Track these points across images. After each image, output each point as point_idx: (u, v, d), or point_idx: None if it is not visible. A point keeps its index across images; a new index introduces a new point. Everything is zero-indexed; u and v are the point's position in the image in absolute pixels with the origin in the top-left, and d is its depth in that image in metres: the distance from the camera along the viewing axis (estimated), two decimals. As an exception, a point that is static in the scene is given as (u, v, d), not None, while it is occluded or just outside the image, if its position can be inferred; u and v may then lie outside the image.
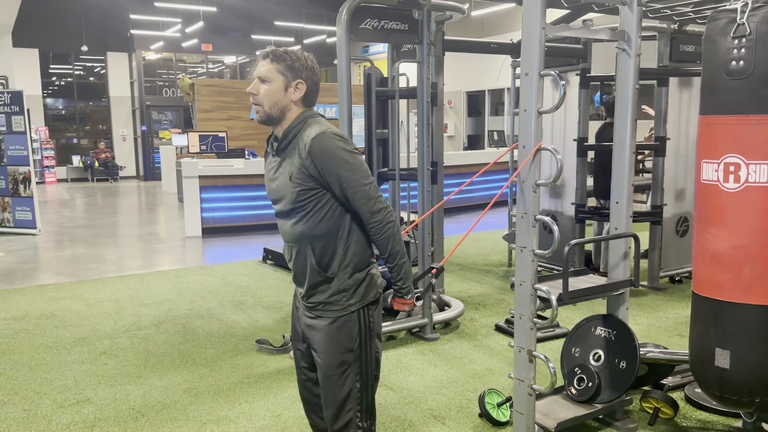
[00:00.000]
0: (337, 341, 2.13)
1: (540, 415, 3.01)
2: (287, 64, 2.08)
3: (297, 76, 2.09)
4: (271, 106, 2.09)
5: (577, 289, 3.02)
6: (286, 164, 2.11)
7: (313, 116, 2.13)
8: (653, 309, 5.25)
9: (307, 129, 2.08)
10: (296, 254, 2.18)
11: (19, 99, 9.12)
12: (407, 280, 2.17)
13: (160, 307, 5.50)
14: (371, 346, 2.19)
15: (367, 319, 2.18)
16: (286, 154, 2.12)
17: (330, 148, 2.03)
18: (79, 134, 19.95)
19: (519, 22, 2.78)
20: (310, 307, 2.21)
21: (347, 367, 2.15)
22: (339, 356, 2.13)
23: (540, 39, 2.69)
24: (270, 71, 2.08)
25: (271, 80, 2.07)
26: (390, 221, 2.09)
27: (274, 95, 2.08)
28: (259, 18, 18.96)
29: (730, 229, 2.51)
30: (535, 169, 2.76)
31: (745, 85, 2.43)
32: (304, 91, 2.11)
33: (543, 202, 6.50)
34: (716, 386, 2.64)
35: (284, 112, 2.10)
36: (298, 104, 2.12)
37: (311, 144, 2.02)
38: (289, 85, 2.09)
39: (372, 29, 4.24)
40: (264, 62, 2.09)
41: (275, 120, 2.11)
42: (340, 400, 2.17)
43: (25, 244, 8.58)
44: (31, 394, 3.74)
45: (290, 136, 2.10)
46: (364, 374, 2.19)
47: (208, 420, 3.39)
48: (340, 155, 2.03)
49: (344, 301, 2.14)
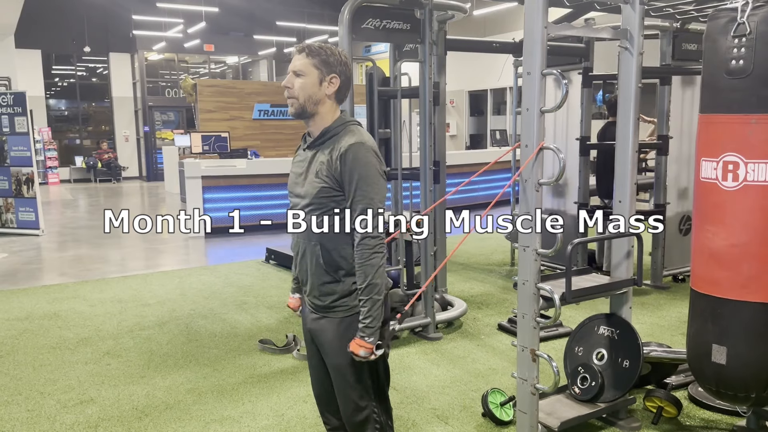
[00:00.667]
0: (347, 340, 2.13)
1: (543, 415, 3.01)
2: (322, 59, 2.11)
3: (331, 71, 2.12)
4: (306, 99, 2.11)
5: (580, 288, 3.02)
6: (316, 161, 2.13)
7: (353, 123, 2.17)
8: (656, 308, 5.25)
9: (347, 134, 2.10)
10: (305, 251, 2.20)
11: (22, 100, 9.14)
12: (376, 320, 2.07)
13: (163, 307, 5.51)
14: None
15: None
16: (321, 150, 2.14)
17: (363, 159, 2.06)
18: (81, 135, 19.98)
19: (521, 21, 2.78)
20: (316, 307, 2.22)
21: (359, 366, 2.15)
22: (349, 355, 2.13)
23: (542, 38, 2.69)
24: (305, 65, 2.10)
25: (306, 74, 2.10)
26: (380, 252, 2.08)
27: (308, 89, 2.10)
28: (261, 18, 18.98)
29: (728, 227, 2.52)
30: (538, 168, 2.76)
31: (745, 84, 2.43)
32: (338, 85, 2.14)
33: (545, 201, 6.49)
34: (713, 381, 2.66)
35: (318, 105, 2.13)
36: (332, 98, 2.15)
37: (348, 149, 2.05)
38: (323, 80, 2.11)
39: (374, 29, 4.24)
40: (299, 56, 2.12)
41: (308, 114, 2.14)
42: (356, 399, 2.18)
43: (29, 245, 8.60)
44: (35, 395, 3.75)
45: (328, 136, 2.13)
46: (375, 371, 2.20)
47: (212, 420, 3.40)
48: (369, 170, 2.06)
49: (350, 303, 2.14)
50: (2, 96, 9.18)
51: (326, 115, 2.15)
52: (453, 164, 8.94)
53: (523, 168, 2.78)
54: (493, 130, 16.28)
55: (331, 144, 2.11)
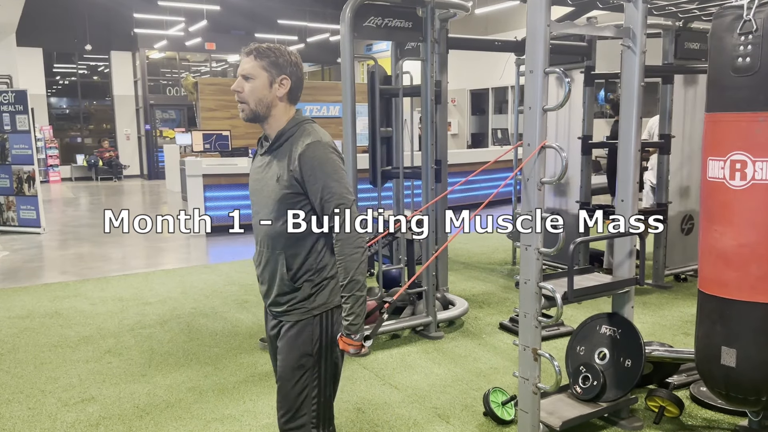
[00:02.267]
0: (297, 344, 2.09)
1: (545, 414, 3.00)
2: (271, 60, 2.04)
3: (281, 72, 2.06)
4: (256, 103, 2.06)
5: (582, 287, 3.01)
6: (275, 166, 2.07)
7: (309, 122, 2.11)
8: (658, 307, 5.24)
9: (303, 135, 2.05)
10: (267, 261, 2.13)
11: (24, 98, 9.14)
12: (359, 317, 2.03)
13: (165, 305, 5.50)
14: (332, 352, 2.13)
15: (330, 323, 2.12)
16: (277, 155, 2.08)
17: (322, 157, 2.00)
18: (83, 133, 19.99)
19: (523, 19, 2.77)
20: (274, 314, 2.18)
21: (304, 372, 2.10)
22: (297, 360, 2.09)
23: (545, 36, 2.68)
24: (254, 68, 2.04)
25: (255, 77, 2.04)
26: (360, 248, 2.02)
27: (259, 92, 2.05)
28: (263, 16, 18.97)
29: (736, 227, 2.50)
30: (540, 167, 2.75)
31: (752, 81, 2.42)
32: (289, 86, 2.08)
33: (547, 200, 6.48)
34: (722, 385, 2.63)
35: (270, 108, 2.07)
36: (284, 100, 2.08)
37: (305, 150, 2.00)
38: (273, 82, 2.05)
39: (375, 27, 4.23)
40: (247, 59, 2.06)
41: (261, 117, 2.08)
42: (294, 404, 2.12)
43: (30, 243, 8.60)
44: (36, 393, 3.75)
45: (283, 138, 2.07)
46: (321, 380, 2.13)
47: (213, 418, 3.39)
48: (331, 167, 2.01)
49: (307, 305, 2.09)
50: (3, 94, 9.17)
51: (280, 118, 2.09)
52: (455, 163, 8.92)
53: (523, 165, 2.77)
54: (494, 129, 16.27)
55: (288, 147, 2.05)
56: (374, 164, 4.71)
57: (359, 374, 3.94)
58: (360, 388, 3.75)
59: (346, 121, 4.17)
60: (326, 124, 11.91)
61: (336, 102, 11.91)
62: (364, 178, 4.74)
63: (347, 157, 4.19)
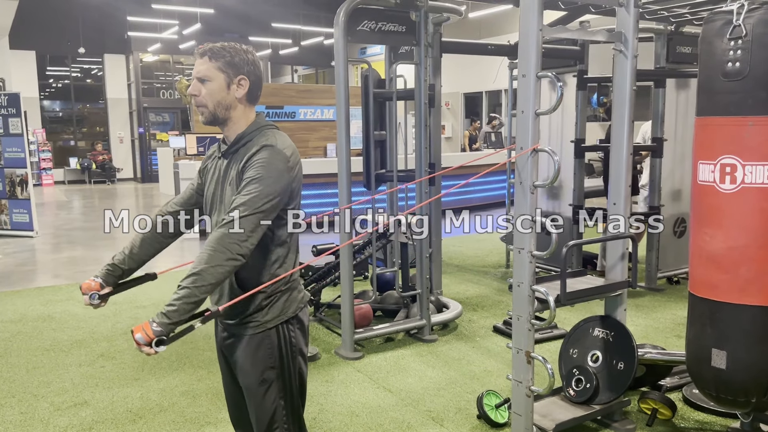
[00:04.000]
0: (257, 359, 2.01)
1: (538, 417, 3.01)
2: (227, 61, 1.94)
3: (239, 72, 1.96)
4: (215, 105, 1.97)
5: (575, 290, 3.02)
6: (231, 169, 1.99)
7: (270, 127, 2.02)
8: (651, 310, 5.26)
9: (261, 138, 1.96)
10: None
11: (16, 101, 9.10)
12: (178, 312, 1.83)
13: (158, 309, 5.45)
14: (294, 363, 2.07)
15: (288, 335, 2.05)
16: (234, 159, 1.99)
17: (266, 160, 1.89)
18: (76, 136, 19.92)
19: (516, 23, 2.78)
20: (226, 326, 2.10)
21: (269, 385, 2.04)
22: (260, 374, 2.01)
23: (537, 40, 2.69)
24: (209, 70, 1.94)
25: (211, 79, 1.95)
26: (231, 252, 1.81)
27: (216, 94, 1.95)
28: (257, 20, 18.95)
29: (726, 230, 2.52)
30: (533, 170, 2.76)
31: (742, 86, 2.44)
32: (248, 87, 1.99)
33: (540, 203, 6.50)
34: (713, 386, 2.65)
35: (229, 110, 1.98)
36: (243, 101, 1.99)
37: (255, 152, 1.91)
38: (231, 83, 1.96)
39: (369, 31, 4.24)
40: (201, 61, 1.95)
41: (221, 120, 2.00)
42: (266, 419, 2.06)
43: (22, 247, 8.56)
44: (29, 397, 3.73)
45: (242, 142, 1.99)
46: (288, 391, 2.08)
47: (206, 422, 3.38)
48: (269, 171, 1.88)
49: (260, 318, 2.01)
50: (-4, 97, 9.14)
51: (239, 120, 2.00)
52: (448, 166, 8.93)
53: (503, 164, 2.78)
54: (488, 133, 16.30)
55: (245, 151, 1.96)
56: (368, 167, 4.72)
57: (353, 377, 3.94)
58: (353, 391, 3.75)
59: (340, 125, 4.18)
60: (320, 127, 11.93)
61: (330, 105, 11.90)
62: (358, 181, 4.74)
63: (341, 160, 4.20)
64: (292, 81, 23.93)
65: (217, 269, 1.81)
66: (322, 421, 3.37)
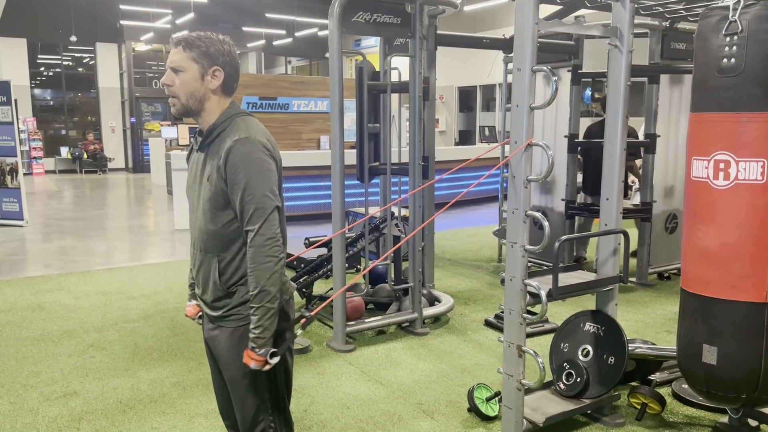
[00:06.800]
0: (240, 352, 1.97)
1: (529, 410, 3.02)
2: (201, 51, 1.91)
3: (214, 63, 1.93)
4: (188, 97, 1.93)
5: (566, 284, 3.03)
6: (208, 163, 1.95)
7: (240, 115, 1.97)
8: (642, 305, 5.29)
9: (233, 129, 1.92)
10: (201, 264, 2.05)
11: (7, 89, 9.02)
12: (267, 330, 1.88)
13: (149, 300, 5.47)
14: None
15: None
16: (210, 152, 1.96)
17: (247, 155, 1.87)
18: (67, 125, 19.77)
19: (512, 17, 2.78)
20: (210, 318, 2.09)
21: (253, 379, 2.02)
22: (243, 367, 1.96)
23: (533, 34, 2.69)
24: (183, 60, 1.91)
25: (185, 69, 1.91)
26: (274, 256, 1.88)
27: (189, 85, 1.92)
28: (251, 10, 18.85)
29: (719, 227, 2.53)
30: (527, 165, 2.76)
31: (737, 82, 2.44)
32: (222, 78, 1.95)
33: (533, 198, 6.51)
34: (703, 382, 2.66)
35: (203, 102, 1.95)
36: (217, 93, 1.96)
37: (231, 147, 1.87)
38: (205, 74, 1.93)
39: (364, 22, 4.22)
40: (176, 50, 1.91)
41: (194, 112, 1.97)
42: (251, 412, 2.05)
43: (12, 236, 8.50)
44: (18, 387, 3.71)
45: (215, 134, 1.95)
46: (273, 385, 2.07)
47: (197, 413, 3.37)
48: (255, 167, 1.87)
49: (243, 312, 1.99)
50: (-14, 85, 9.05)
51: (213, 111, 1.97)
52: (442, 160, 8.92)
53: (508, 159, 2.77)
54: (482, 127, 16.32)
55: (219, 143, 1.92)
56: (361, 160, 4.70)
57: (344, 370, 3.94)
58: (345, 384, 3.75)
59: (334, 117, 4.17)
60: (314, 119, 11.87)
61: (324, 97, 11.85)
62: (351, 174, 4.73)
63: (335, 153, 4.19)
64: (285, 72, 23.82)
65: (273, 277, 1.89)
66: (313, 414, 3.37)
